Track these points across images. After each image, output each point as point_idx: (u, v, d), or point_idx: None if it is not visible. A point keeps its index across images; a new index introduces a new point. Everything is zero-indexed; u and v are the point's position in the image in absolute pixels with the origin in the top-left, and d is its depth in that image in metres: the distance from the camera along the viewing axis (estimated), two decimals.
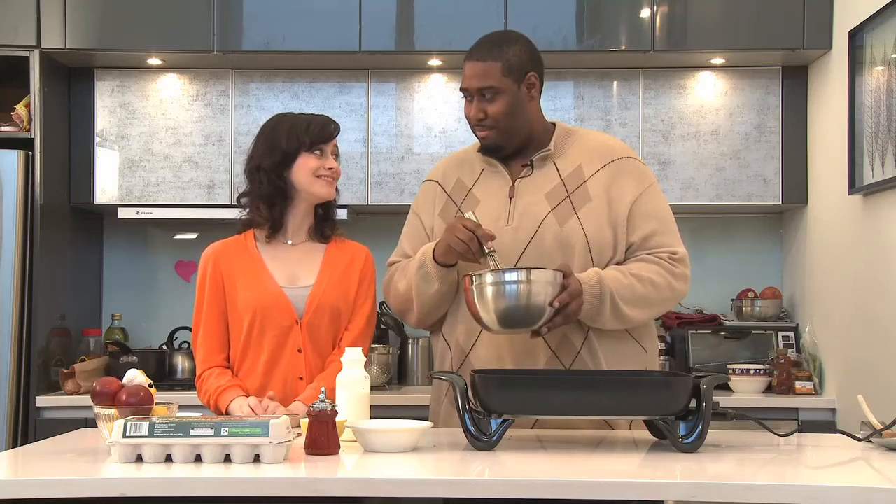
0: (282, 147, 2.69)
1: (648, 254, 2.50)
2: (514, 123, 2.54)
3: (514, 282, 2.32)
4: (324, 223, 2.78)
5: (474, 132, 2.59)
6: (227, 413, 2.60)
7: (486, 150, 2.60)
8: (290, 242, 2.75)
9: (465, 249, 2.41)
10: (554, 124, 2.65)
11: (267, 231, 2.73)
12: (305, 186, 2.70)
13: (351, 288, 2.73)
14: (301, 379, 2.67)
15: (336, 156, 2.75)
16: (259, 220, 2.73)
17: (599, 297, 2.41)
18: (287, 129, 2.71)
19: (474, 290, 2.35)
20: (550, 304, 2.33)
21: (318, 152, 2.70)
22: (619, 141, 2.73)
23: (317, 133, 2.70)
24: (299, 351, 2.67)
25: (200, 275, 2.74)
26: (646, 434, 2.40)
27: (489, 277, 2.33)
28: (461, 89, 2.58)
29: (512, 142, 2.57)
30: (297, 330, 2.68)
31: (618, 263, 2.51)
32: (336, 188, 2.78)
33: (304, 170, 2.69)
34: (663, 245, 2.52)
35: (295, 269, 2.73)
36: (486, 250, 2.40)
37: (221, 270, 2.71)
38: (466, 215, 2.46)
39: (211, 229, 4.19)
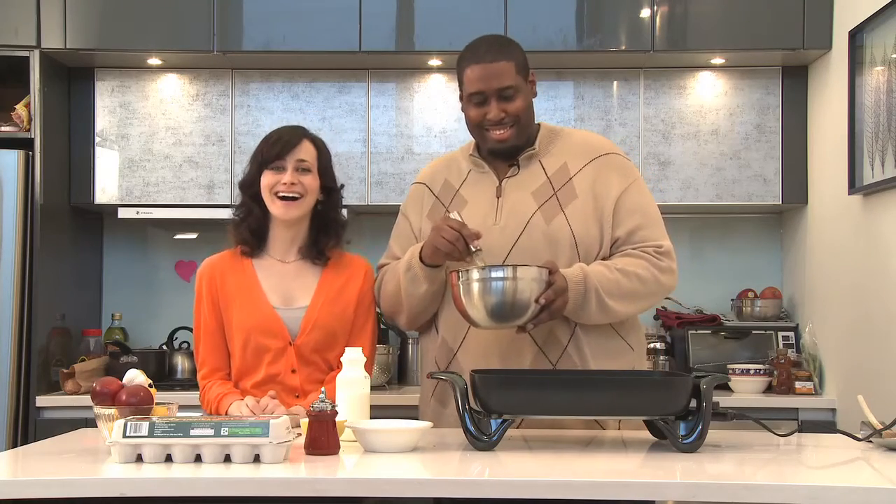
0: (252, 164, 2.65)
1: (634, 248, 2.52)
2: (529, 119, 2.59)
3: (500, 278, 2.33)
4: (318, 240, 2.69)
5: (484, 136, 2.56)
6: (226, 415, 2.59)
7: (499, 153, 2.58)
8: (282, 260, 2.70)
9: (451, 249, 2.42)
10: (539, 125, 2.66)
11: (247, 251, 2.68)
12: (268, 205, 2.63)
13: (348, 307, 2.68)
14: (297, 397, 2.64)
15: (304, 170, 2.61)
16: (236, 240, 2.69)
17: (584, 292, 2.42)
18: (259, 144, 2.65)
19: (461, 286, 2.37)
20: (536, 301, 2.34)
21: (275, 169, 2.61)
22: (602, 138, 2.76)
23: (269, 147, 2.60)
24: (293, 371, 2.64)
25: (197, 291, 2.70)
26: (636, 434, 2.41)
27: (476, 274, 2.35)
28: (471, 94, 2.54)
29: (522, 139, 2.59)
30: (291, 351, 2.64)
31: (604, 258, 2.52)
32: (340, 196, 2.71)
33: (264, 188, 2.62)
34: (648, 239, 2.53)
35: (290, 288, 2.68)
36: (473, 249, 2.41)
37: (216, 288, 2.67)
38: (451, 215, 2.47)
39: (211, 229, 4.20)
